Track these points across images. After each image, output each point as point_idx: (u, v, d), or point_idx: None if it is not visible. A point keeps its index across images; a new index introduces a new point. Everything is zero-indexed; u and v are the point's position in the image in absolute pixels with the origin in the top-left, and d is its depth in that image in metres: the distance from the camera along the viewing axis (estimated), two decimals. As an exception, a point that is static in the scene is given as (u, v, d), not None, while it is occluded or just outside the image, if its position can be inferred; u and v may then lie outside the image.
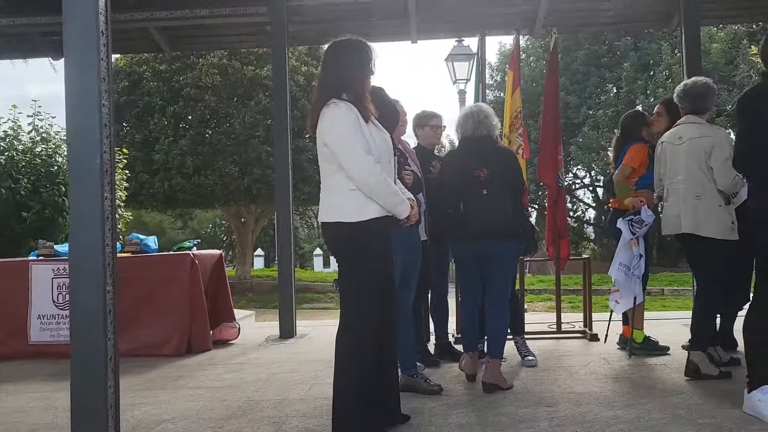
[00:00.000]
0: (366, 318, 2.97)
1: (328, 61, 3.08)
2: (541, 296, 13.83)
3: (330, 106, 2.94)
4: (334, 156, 2.92)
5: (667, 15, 6.34)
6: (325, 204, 3.03)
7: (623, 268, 4.45)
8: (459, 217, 3.94)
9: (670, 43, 18.68)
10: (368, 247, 2.95)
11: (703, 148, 3.89)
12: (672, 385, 3.83)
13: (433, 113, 4.75)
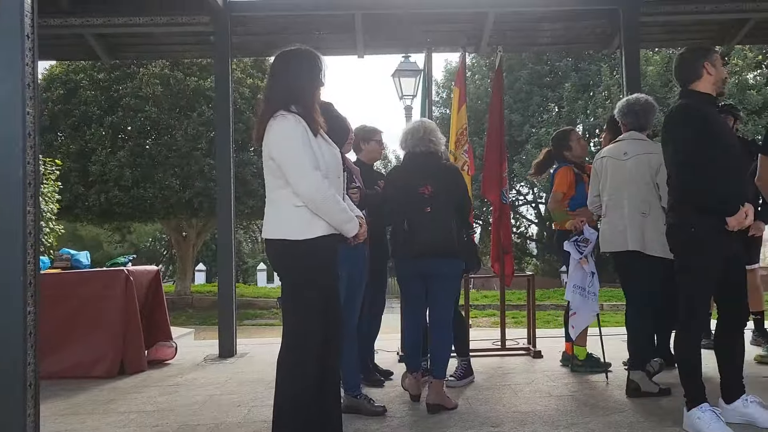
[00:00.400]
0: (310, 337, 2.86)
1: (276, 70, 2.97)
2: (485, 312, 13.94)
3: (277, 118, 2.83)
4: (281, 170, 2.81)
5: (608, 37, 6.50)
6: (270, 220, 2.92)
7: (578, 290, 4.47)
8: (403, 235, 3.88)
9: (609, 65, 19.32)
10: (314, 265, 2.85)
11: (650, 165, 3.93)
12: (614, 403, 3.85)
13: (375, 128, 4.69)
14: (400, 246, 3.92)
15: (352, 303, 3.77)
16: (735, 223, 3.10)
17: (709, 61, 3.30)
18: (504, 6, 6.17)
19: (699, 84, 3.32)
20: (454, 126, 5.80)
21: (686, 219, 3.22)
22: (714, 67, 3.30)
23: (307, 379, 2.84)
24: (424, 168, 3.94)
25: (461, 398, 4.03)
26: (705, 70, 3.30)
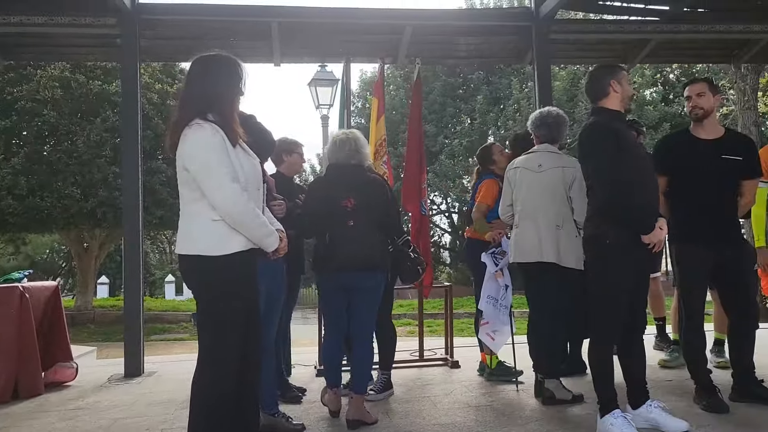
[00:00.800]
0: (226, 356, 2.73)
1: (193, 76, 2.82)
2: (401, 321, 14.01)
3: (193, 126, 2.69)
4: (196, 182, 2.67)
5: (521, 52, 6.69)
6: (185, 234, 2.76)
7: (491, 300, 4.52)
8: (324, 248, 3.80)
9: (519, 79, 20.02)
10: (231, 282, 2.72)
11: (564, 178, 4.02)
12: (531, 412, 3.91)
13: (297, 141, 4.61)
14: (321, 259, 3.83)
15: (270, 318, 3.64)
16: (651, 240, 3.25)
17: (616, 80, 3.43)
18: (422, 20, 6.23)
19: (607, 101, 3.45)
20: (373, 137, 5.78)
21: (602, 231, 3.33)
22: (620, 85, 3.43)
23: (224, 398, 2.71)
24: (349, 180, 3.86)
25: (381, 412, 3.98)
26: (612, 88, 3.42)
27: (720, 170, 3.71)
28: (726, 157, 3.71)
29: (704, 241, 3.71)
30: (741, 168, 3.76)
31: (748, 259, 3.87)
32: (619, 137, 3.31)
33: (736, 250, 3.75)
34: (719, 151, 3.75)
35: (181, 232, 2.78)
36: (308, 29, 6.31)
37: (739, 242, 3.83)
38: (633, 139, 3.49)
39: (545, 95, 6.08)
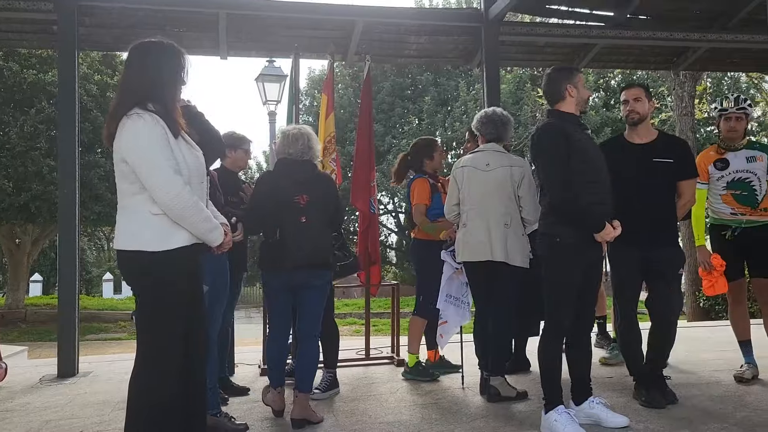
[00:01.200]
0: (167, 356, 2.63)
1: (133, 63, 2.70)
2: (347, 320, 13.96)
3: (132, 116, 2.58)
4: (136, 174, 2.57)
5: (470, 53, 6.73)
6: (123, 229, 2.65)
7: (451, 300, 4.51)
8: (274, 245, 3.70)
9: (466, 82, 20.24)
10: (173, 279, 2.62)
11: (513, 178, 4.04)
12: (476, 409, 3.92)
13: (244, 136, 4.48)
14: (270, 256, 3.73)
15: (213, 316, 3.54)
16: (602, 238, 3.32)
17: (572, 84, 3.46)
18: (372, 16, 6.19)
19: (563, 104, 3.48)
20: (322, 134, 5.70)
21: (554, 230, 3.38)
22: (576, 88, 3.47)
23: (165, 402, 2.60)
24: (301, 176, 3.78)
25: (327, 411, 3.92)
26: (568, 92, 3.46)
27: (651, 173, 3.79)
28: (657, 160, 3.80)
29: (634, 243, 3.77)
30: (674, 170, 3.83)
31: (677, 262, 3.89)
32: (570, 139, 3.35)
33: (664, 252, 3.80)
34: (651, 154, 3.83)
35: (119, 227, 2.66)
36: (256, 22, 6.19)
37: (667, 245, 3.84)
38: (588, 140, 3.52)
39: (493, 96, 6.13)
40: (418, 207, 4.78)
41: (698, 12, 6.72)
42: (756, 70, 8.41)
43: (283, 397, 3.84)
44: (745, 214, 4.38)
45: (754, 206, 4.37)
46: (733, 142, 4.45)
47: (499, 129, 4.24)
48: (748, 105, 4.48)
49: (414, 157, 5.00)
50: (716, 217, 4.53)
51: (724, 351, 5.04)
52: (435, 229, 4.68)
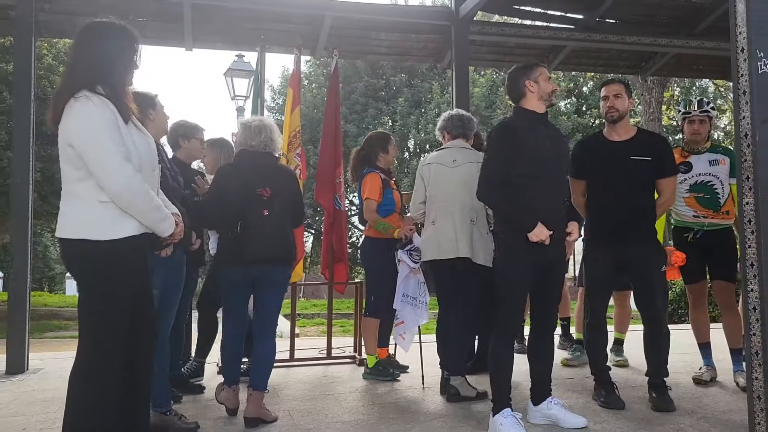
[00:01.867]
0: (110, 353, 2.52)
1: (82, 43, 2.60)
2: (314, 321, 13.83)
3: (80, 99, 2.47)
4: (83, 160, 2.47)
5: (440, 52, 6.70)
6: (68, 216, 2.54)
7: (408, 300, 4.44)
8: (234, 238, 3.57)
9: (440, 84, 20.26)
10: (119, 270, 2.52)
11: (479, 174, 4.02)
12: (435, 409, 3.86)
13: (197, 125, 4.29)
14: (230, 251, 3.59)
15: (165, 312, 3.43)
16: (535, 237, 3.22)
17: (531, 79, 3.40)
18: (341, 11, 6.11)
19: (525, 101, 3.43)
20: (288, 128, 5.61)
21: (498, 228, 3.40)
22: (537, 83, 3.40)
23: (106, 400, 2.49)
24: (263, 169, 3.67)
25: (282, 410, 3.83)
26: (527, 88, 3.40)
27: (629, 171, 3.74)
28: (635, 158, 3.75)
29: (607, 242, 3.78)
30: (651, 168, 3.77)
31: (655, 260, 3.81)
32: (523, 138, 3.29)
33: (639, 251, 3.74)
34: (628, 152, 3.77)
35: (63, 214, 2.55)
36: (222, 13, 6.07)
37: (643, 243, 3.77)
38: (542, 140, 3.40)
39: (462, 95, 6.11)
40: (368, 203, 4.66)
41: (665, 18, 6.77)
42: (721, 77, 8.53)
43: (237, 396, 3.73)
44: (707, 216, 4.38)
45: (716, 209, 4.37)
46: (697, 145, 4.46)
47: (464, 125, 4.24)
48: (711, 108, 4.50)
49: (368, 151, 4.90)
50: (679, 219, 4.54)
51: (684, 354, 5.06)
52: (387, 228, 4.59)
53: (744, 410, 3.57)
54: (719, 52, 6.91)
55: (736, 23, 2.88)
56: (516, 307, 3.34)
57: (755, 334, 2.78)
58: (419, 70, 21.82)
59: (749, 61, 2.81)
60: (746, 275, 2.83)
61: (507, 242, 3.32)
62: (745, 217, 2.84)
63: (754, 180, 2.79)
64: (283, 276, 3.72)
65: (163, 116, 3.60)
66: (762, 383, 2.74)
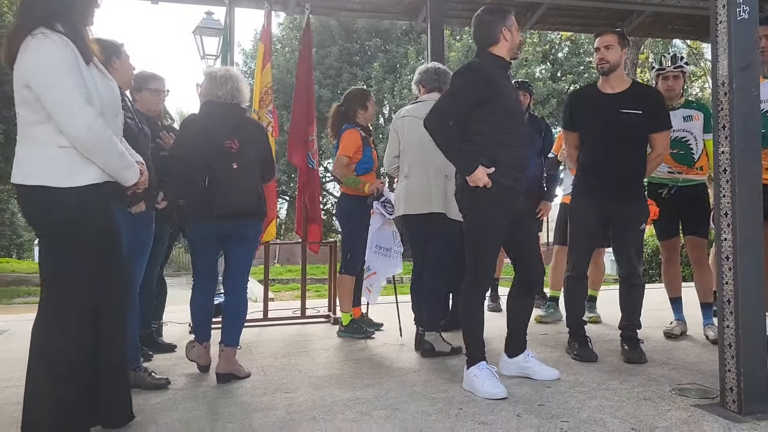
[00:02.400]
0: (71, 304, 2.44)
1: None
2: (289, 286, 13.80)
3: (37, 36, 2.33)
4: (41, 102, 2.34)
5: (415, 9, 6.55)
6: (24, 161, 2.42)
7: (381, 251, 4.41)
8: (203, 192, 3.43)
9: (415, 48, 20.03)
10: (81, 217, 2.43)
11: None
12: (409, 364, 3.86)
13: (153, 74, 4.07)
14: (199, 205, 3.45)
15: (135, 264, 3.35)
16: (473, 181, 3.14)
17: (507, 27, 3.31)
18: (314, -37, 5.92)
19: (496, 48, 3.32)
20: (258, 84, 5.48)
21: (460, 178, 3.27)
22: (511, 32, 3.32)
23: (68, 355, 2.42)
24: (232, 120, 3.54)
25: (256, 367, 3.79)
26: (503, 35, 3.30)
27: (618, 124, 3.67)
28: (625, 111, 3.67)
29: (591, 196, 3.74)
30: (642, 122, 3.69)
31: (637, 216, 3.79)
32: (493, 84, 3.21)
33: (623, 206, 3.71)
34: (619, 104, 3.69)
35: (19, 159, 2.42)
36: (190, -35, 5.85)
37: (628, 198, 3.73)
38: (510, 89, 3.38)
39: (438, 54, 5.97)
40: (340, 159, 4.61)
41: (643, -25, 6.68)
42: (695, 37, 8.50)
43: (208, 353, 3.69)
44: (681, 172, 4.38)
45: (690, 165, 4.38)
46: (671, 102, 4.42)
47: (440, 78, 4.15)
48: (684, 63, 4.46)
49: (347, 107, 4.83)
50: (654, 175, 4.53)
51: (655, 310, 5.10)
52: (357, 183, 4.53)
53: (714, 361, 3.62)
54: (695, 11, 6.87)
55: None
56: (485, 259, 3.26)
57: (727, 283, 2.78)
58: (394, 34, 21.56)
59: (728, 8, 2.76)
60: (720, 224, 2.82)
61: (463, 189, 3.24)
62: (721, 166, 2.82)
63: (730, 129, 2.77)
64: (254, 231, 3.64)
65: (128, 66, 3.44)
66: (733, 331, 2.75)
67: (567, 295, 3.99)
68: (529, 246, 3.46)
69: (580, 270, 3.89)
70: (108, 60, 3.14)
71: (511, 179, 3.22)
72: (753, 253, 2.75)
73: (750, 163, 2.77)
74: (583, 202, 3.80)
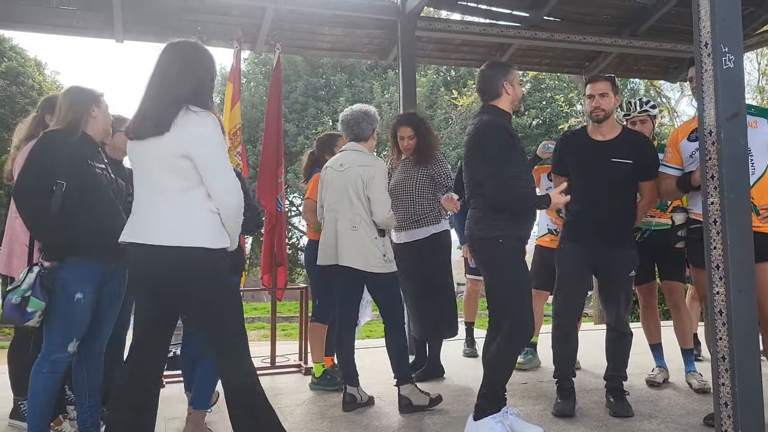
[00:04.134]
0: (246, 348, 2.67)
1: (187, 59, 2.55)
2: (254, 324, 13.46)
3: (200, 113, 2.48)
4: (199, 170, 2.46)
5: (385, 48, 6.51)
6: (172, 224, 2.45)
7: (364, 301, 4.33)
8: None
9: (381, 84, 20.14)
10: (226, 275, 2.61)
11: (362, 177, 3.85)
12: (387, 422, 3.66)
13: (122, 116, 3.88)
14: None
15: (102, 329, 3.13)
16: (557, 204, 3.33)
17: (509, 81, 3.33)
18: (283, 3, 5.82)
19: (499, 101, 3.33)
20: (227, 125, 5.30)
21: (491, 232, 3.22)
22: (512, 86, 3.34)
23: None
24: None
25: (224, 428, 3.54)
26: (505, 89, 3.32)
27: (608, 173, 3.60)
28: (615, 161, 3.59)
29: (582, 241, 3.64)
30: (631, 171, 3.62)
31: (627, 263, 3.68)
32: (513, 136, 3.27)
33: (613, 252, 3.62)
34: (610, 153, 3.61)
35: (170, 222, 2.46)
36: (155, 3, 5.69)
37: (617, 245, 3.64)
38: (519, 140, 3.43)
39: (409, 92, 5.92)
40: (307, 203, 4.52)
41: (609, 17, 6.79)
42: (660, 77, 8.66)
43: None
44: (654, 216, 4.30)
45: (663, 209, 4.29)
46: None
47: (352, 128, 4.06)
48: (651, 107, 4.39)
49: (318, 152, 4.76)
50: None
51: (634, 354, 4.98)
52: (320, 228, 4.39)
53: (701, 412, 3.55)
54: (661, 53, 7.00)
55: (699, 17, 2.80)
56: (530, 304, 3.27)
57: (721, 339, 2.69)
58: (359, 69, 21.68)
59: (713, 56, 2.73)
60: (711, 277, 2.74)
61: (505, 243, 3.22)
62: (710, 217, 2.76)
63: (719, 179, 2.71)
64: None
65: (106, 116, 3.28)
66: (729, 389, 2.66)
67: (557, 346, 3.78)
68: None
69: (569, 318, 3.75)
70: (87, 109, 3.09)
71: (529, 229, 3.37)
72: (747, 305, 2.68)
73: (740, 214, 2.71)
74: (572, 247, 3.69)
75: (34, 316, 2.85)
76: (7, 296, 2.89)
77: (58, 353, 2.92)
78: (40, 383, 2.91)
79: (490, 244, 3.23)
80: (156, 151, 2.46)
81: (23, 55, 15.00)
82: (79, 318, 2.92)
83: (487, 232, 3.23)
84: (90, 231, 2.91)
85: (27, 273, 2.88)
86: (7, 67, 13.44)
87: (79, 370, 3.11)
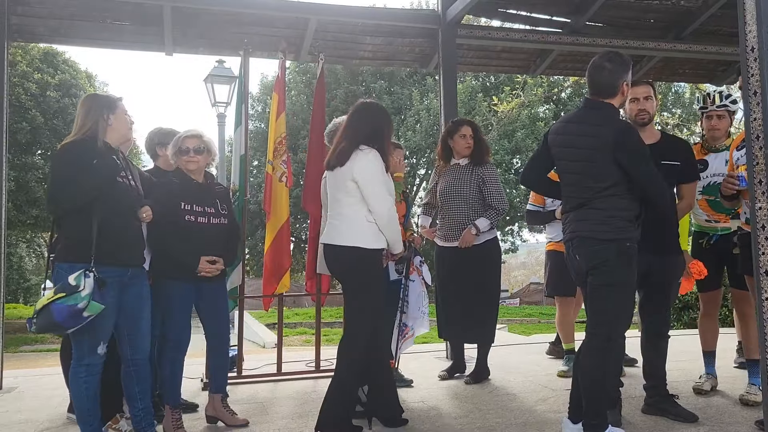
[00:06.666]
0: (367, 325, 3.49)
1: (367, 113, 3.58)
2: (297, 330, 13.62)
3: (365, 151, 3.43)
4: (361, 191, 3.40)
5: (426, 56, 6.58)
6: (345, 230, 3.43)
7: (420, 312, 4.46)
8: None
9: (420, 91, 20.20)
10: (378, 270, 3.54)
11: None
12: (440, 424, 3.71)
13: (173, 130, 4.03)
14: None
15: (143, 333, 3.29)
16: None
17: (627, 81, 3.19)
18: (326, 14, 5.97)
19: (613, 100, 3.17)
20: (273, 134, 5.43)
21: (623, 234, 3.09)
22: (628, 88, 3.23)
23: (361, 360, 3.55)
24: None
25: (273, 429, 3.64)
26: (622, 89, 3.17)
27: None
28: (665, 163, 3.53)
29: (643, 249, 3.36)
30: (678, 172, 3.60)
31: (674, 271, 3.64)
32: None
33: (661, 259, 3.56)
34: (658, 156, 3.52)
35: (340, 228, 3.45)
36: (204, 17, 5.90)
37: (665, 252, 3.58)
38: None
39: (450, 100, 5.99)
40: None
41: (653, 21, 6.74)
42: (707, 81, 8.50)
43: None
44: (719, 221, 4.15)
45: (728, 212, 4.07)
46: (715, 142, 4.20)
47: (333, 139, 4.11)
48: (731, 102, 4.17)
49: None
50: (696, 223, 4.33)
51: (679, 361, 4.95)
52: None
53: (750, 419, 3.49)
54: (706, 56, 6.91)
55: (745, 21, 2.79)
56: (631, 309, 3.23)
57: (771, 344, 2.67)
58: (399, 76, 21.79)
59: (760, 61, 2.72)
60: (760, 284, 2.72)
61: (631, 248, 3.12)
62: (759, 222, 2.74)
63: (767, 184, 2.69)
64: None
65: (124, 121, 3.26)
66: (780, 396, 2.63)
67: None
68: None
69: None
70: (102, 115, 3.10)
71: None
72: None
73: (789, 219, 2.69)
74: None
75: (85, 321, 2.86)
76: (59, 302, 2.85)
77: (89, 358, 3.03)
78: (80, 387, 3.04)
79: (616, 247, 3.08)
80: (337, 177, 3.43)
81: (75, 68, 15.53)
82: (101, 323, 2.97)
83: (616, 234, 3.09)
84: (107, 238, 2.99)
85: (83, 278, 2.88)
86: (60, 80, 13.92)
87: (128, 377, 3.22)
